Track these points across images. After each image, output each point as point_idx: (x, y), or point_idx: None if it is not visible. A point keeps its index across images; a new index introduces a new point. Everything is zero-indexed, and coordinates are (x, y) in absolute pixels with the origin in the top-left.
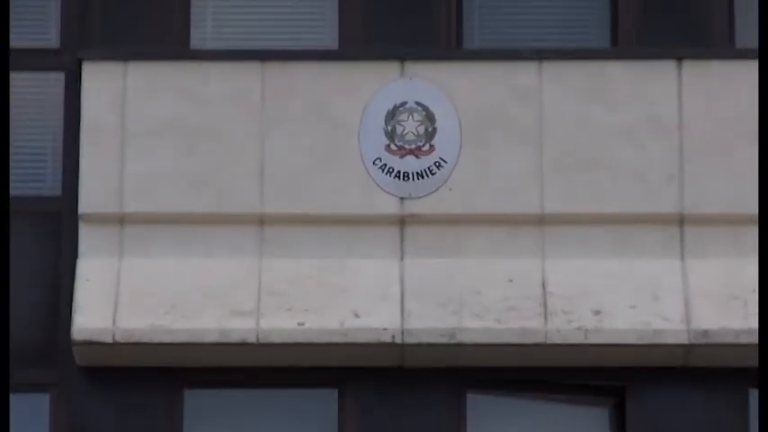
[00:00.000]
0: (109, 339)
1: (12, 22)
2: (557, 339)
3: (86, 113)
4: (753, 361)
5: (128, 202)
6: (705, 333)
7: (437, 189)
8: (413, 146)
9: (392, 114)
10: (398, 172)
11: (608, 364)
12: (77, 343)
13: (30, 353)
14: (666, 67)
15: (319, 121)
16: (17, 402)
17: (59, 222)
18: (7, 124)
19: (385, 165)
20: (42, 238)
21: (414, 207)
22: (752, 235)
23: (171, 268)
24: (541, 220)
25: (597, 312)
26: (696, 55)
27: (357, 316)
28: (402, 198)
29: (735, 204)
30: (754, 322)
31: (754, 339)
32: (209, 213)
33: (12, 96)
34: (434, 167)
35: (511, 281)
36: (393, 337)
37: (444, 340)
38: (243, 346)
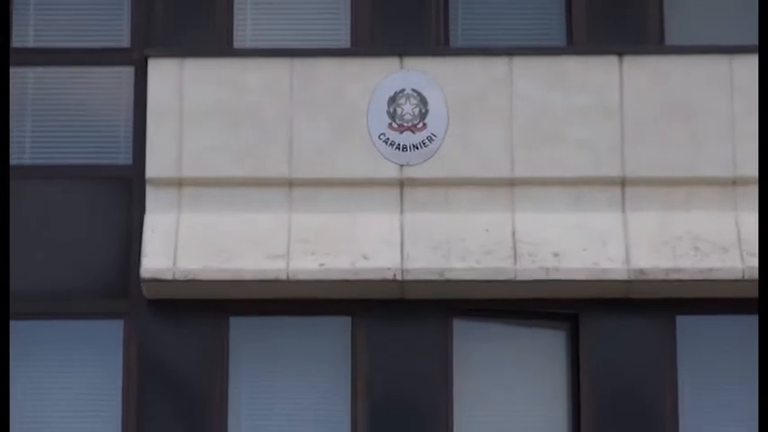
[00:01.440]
0: (169, 277)
1: (91, 28)
2: (524, 276)
3: (152, 100)
4: (679, 293)
5: (184, 169)
6: (641, 271)
7: (429, 158)
8: (410, 124)
9: (393, 99)
10: (398, 145)
11: (565, 296)
12: (145, 280)
13: (109, 288)
14: (610, 61)
15: (335, 104)
16: (100, 327)
17: (131, 185)
18: (7, 123)
19: (388, 139)
20: (118, 198)
21: (410, 172)
22: (678, 193)
23: (218, 221)
24: (512, 183)
25: (556, 255)
26: (633, 51)
27: (366, 258)
28: (401, 165)
29: (665, 169)
30: (681, 262)
31: (681, 276)
32: (249, 177)
33: (92, 87)
34: (427, 141)
35: (487, 230)
36: (394, 275)
37: (435, 277)
38: (275, 282)
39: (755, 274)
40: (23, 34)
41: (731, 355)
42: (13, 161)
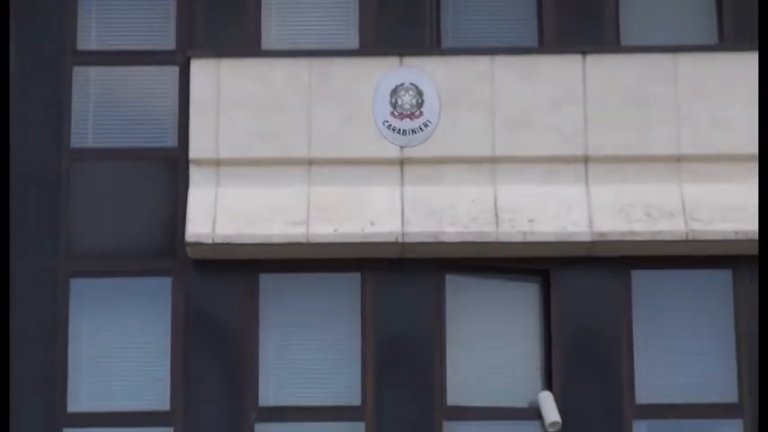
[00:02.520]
0: (209, 241)
1: (143, 33)
2: (504, 239)
3: (193, 93)
4: (633, 251)
5: (221, 151)
6: (602, 234)
7: (425, 141)
8: (408, 112)
9: (394, 92)
10: (399, 129)
11: (538, 255)
12: (189, 243)
13: (159, 251)
14: (575, 59)
15: (346, 96)
16: (152, 283)
17: (177, 165)
18: (7, 122)
19: (390, 125)
20: (166, 175)
21: (409, 153)
22: (632, 168)
23: (249, 194)
24: (493, 161)
25: (531, 221)
26: (594, 50)
27: (372, 224)
28: (401, 147)
29: (621, 148)
30: (634, 226)
31: (635, 237)
32: (275, 158)
33: (144, 83)
34: (423, 126)
35: (473, 200)
36: (396, 238)
37: (430, 240)
38: (297, 245)
39: (697, 236)
40: (86, 38)
41: (678, 304)
42: (77, 144)
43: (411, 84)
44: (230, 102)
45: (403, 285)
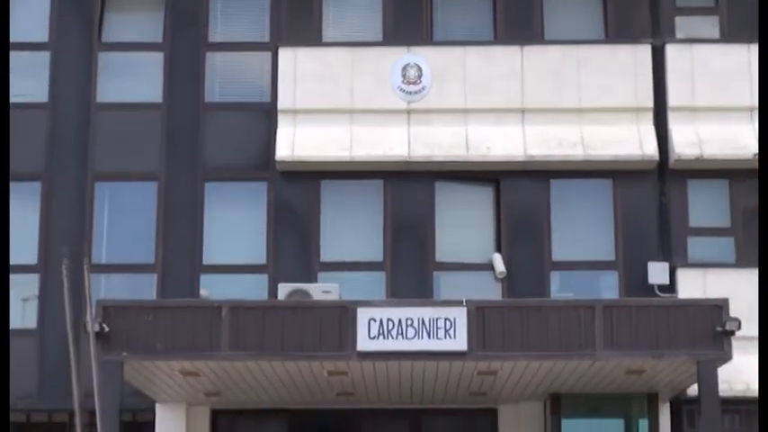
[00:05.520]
0: (290, 159)
1: (250, 28)
2: (472, 159)
3: (280, 69)
4: (552, 168)
5: (297, 104)
6: (532, 156)
7: (422, 99)
8: (412, 81)
9: (404, 68)
10: (407, 91)
11: (493, 170)
12: (277, 161)
13: (261, 166)
14: (515, 50)
15: (374, 71)
16: (256, 186)
17: (270, 113)
18: (7, 121)
19: (402, 89)
20: (264, 119)
21: (413, 106)
22: (551, 116)
23: (314, 131)
24: (466, 111)
25: (488, 148)
26: (529, 43)
27: (390, 149)
28: (408, 102)
29: (545, 104)
30: (553, 152)
31: (552, 159)
32: (330, 108)
33: (251, 64)
34: (421, 90)
35: (452, 135)
36: (405, 158)
37: (426, 159)
38: (345, 162)
39: (590, 158)
40: (214, 33)
41: (579, 201)
42: (209, 99)
43: (414, 63)
44: (302, 74)
45: (409, 188)
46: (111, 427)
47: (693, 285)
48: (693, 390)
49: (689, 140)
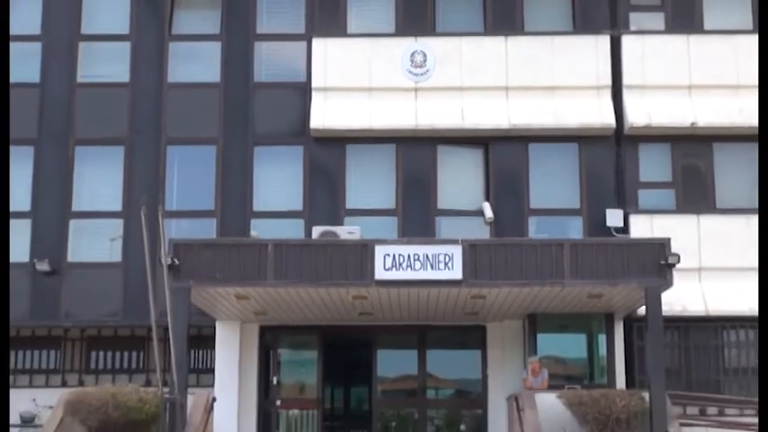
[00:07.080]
0: (321, 127)
1: (288, 22)
2: (467, 126)
3: (314, 56)
4: (529, 134)
5: (328, 83)
6: (514, 124)
7: (427, 80)
8: (419, 65)
9: (412, 54)
10: (414, 73)
11: (483, 135)
12: (312, 129)
13: (297, 133)
14: (501, 39)
15: (388, 56)
16: (294, 149)
17: (305, 91)
18: (7, 122)
19: (410, 71)
20: (300, 94)
21: (420, 85)
22: (528, 92)
23: (341, 103)
24: (461, 89)
25: (479, 116)
26: (513, 34)
27: (401, 119)
28: (416, 82)
29: (524, 82)
30: (531, 121)
31: (530, 126)
32: (353, 87)
33: (287, 53)
34: (426, 72)
35: (450, 108)
36: (413, 126)
37: (431, 128)
38: (364, 129)
39: (560, 125)
40: (260, 26)
41: (550, 161)
42: (257, 80)
43: (420, 50)
44: (331, 59)
45: (416, 151)
46: (181, 340)
47: (643, 227)
48: (642, 311)
49: (640, 112)
